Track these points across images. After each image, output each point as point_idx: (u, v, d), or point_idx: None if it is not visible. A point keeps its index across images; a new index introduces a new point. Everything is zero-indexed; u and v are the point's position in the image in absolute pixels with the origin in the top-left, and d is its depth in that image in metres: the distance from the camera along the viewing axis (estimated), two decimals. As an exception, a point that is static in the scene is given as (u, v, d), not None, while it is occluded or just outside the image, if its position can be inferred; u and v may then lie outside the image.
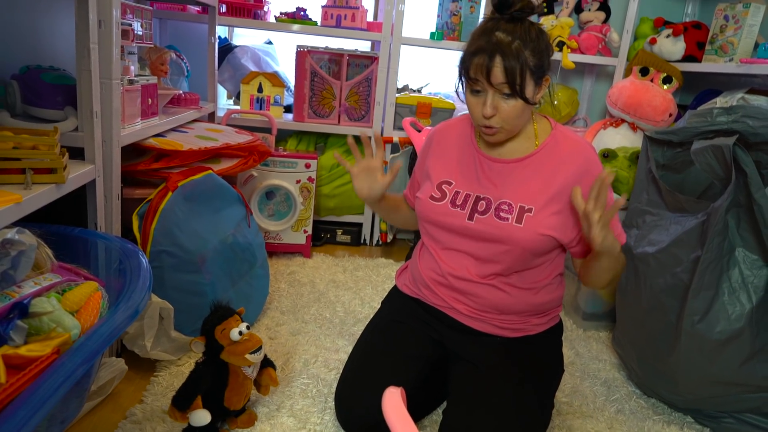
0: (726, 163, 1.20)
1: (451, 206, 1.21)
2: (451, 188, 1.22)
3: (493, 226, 1.16)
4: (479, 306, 1.22)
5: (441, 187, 1.24)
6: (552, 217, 1.13)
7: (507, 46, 1.03)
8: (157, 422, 1.22)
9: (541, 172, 1.16)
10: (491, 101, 1.07)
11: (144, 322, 1.34)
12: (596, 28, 2.50)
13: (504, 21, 1.06)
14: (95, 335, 0.87)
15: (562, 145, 1.17)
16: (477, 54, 1.05)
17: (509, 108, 1.08)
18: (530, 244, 1.14)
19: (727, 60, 2.06)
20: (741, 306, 1.20)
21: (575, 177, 1.13)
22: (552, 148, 1.17)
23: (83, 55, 1.19)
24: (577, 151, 1.16)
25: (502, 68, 1.03)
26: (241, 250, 1.66)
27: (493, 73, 1.04)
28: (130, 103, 1.47)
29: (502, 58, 1.03)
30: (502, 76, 1.04)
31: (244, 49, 2.57)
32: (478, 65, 1.05)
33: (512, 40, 1.03)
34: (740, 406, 1.31)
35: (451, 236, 1.22)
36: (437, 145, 1.30)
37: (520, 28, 1.05)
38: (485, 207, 1.18)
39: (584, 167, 1.14)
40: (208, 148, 1.68)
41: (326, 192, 2.42)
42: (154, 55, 1.92)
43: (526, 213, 1.14)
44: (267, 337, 1.63)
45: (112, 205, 1.34)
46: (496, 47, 1.03)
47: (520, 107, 1.08)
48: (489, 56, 1.03)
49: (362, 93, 2.42)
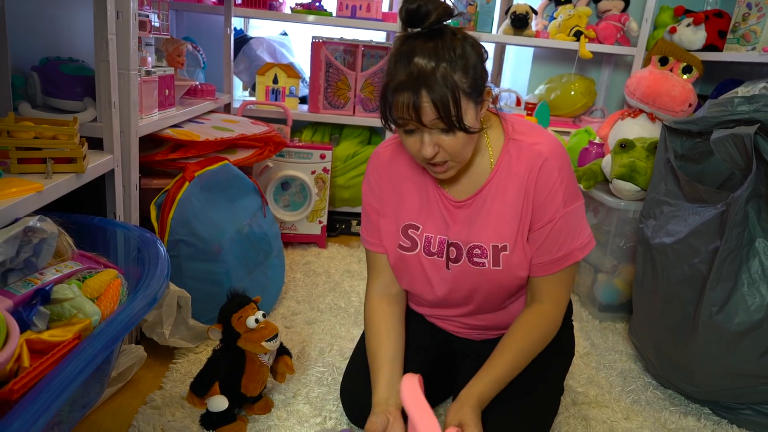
0: (747, 153, 1.18)
1: (426, 255, 1.10)
2: (419, 234, 1.10)
3: (469, 273, 1.07)
4: (477, 328, 1.21)
5: (408, 232, 1.11)
6: (527, 249, 1.05)
7: (431, 76, 0.86)
8: (176, 408, 1.24)
9: (505, 200, 1.04)
10: (429, 140, 0.92)
11: (162, 310, 1.36)
12: (615, 17, 2.46)
13: (421, 39, 0.89)
14: (115, 321, 0.89)
15: (518, 159, 1.03)
16: (399, 91, 0.89)
17: (452, 142, 0.92)
18: (515, 281, 1.07)
19: (750, 49, 2.02)
20: (761, 297, 1.18)
21: (531, 195, 1.02)
22: (508, 166, 1.03)
23: (101, 46, 1.20)
24: (533, 165, 1.01)
25: (431, 104, 0.87)
26: (257, 239, 1.67)
27: (423, 111, 0.88)
28: (147, 94, 1.49)
29: (429, 92, 0.87)
30: (433, 112, 0.88)
31: (260, 41, 2.58)
32: (403, 105, 0.89)
33: (436, 66, 0.87)
34: (759, 398, 1.29)
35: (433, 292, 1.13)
36: (387, 177, 1.12)
37: (441, 46, 0.88)
38: (457, 253, 1.07)
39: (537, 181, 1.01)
40: (225, 139, 1.69)
41: (341, 183, 2.43)
42: (171, 47, 1.94)
43: (502, 252, 1.04)
44: (283, 326, 1.65)
45: (130, 195, 1.36)
46: (420, 80, 0.87)
47: (463, 139, 0.93)
48: (413, 92, 0.87)
49: (377, 84, 2.41)
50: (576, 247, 1.05)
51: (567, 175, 1.03)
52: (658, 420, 1.36)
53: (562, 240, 1.03)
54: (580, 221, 1.06)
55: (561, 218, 1.02)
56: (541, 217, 1.02)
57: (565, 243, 1.04)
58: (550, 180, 1.01)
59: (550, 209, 1.02)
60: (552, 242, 1.03)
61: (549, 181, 1.01)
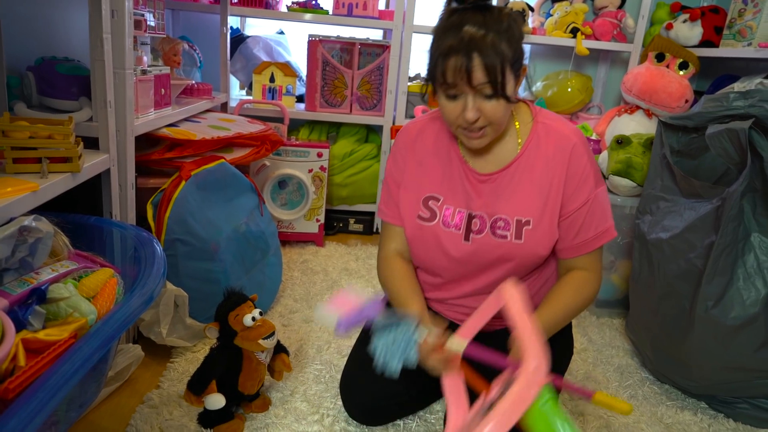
0: (741, 147, 1.18)
1: (444, 226, 1.12)
2: (439, 205, 1.12)
3: (490, 246, 1.09)
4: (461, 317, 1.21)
5: (428, 203, 1.13)
6: (551, 226, 1.08)
7: (482, 42, 0.91)
8: (173, 406, 1.24)
9: (531, 177, 1.07)
10: (473, 104, 0.96)
11: (159, 310, 1.36)
12: (611, 13, 2.46)
13: (470, 12, 0.94)
14: (111, 320, 0.89)
15: (546, 140, 1.07)
16: (450, 55, 0.93)
17: (493, 108, 0.97)
18: (533, 259, 1.09)
19: (746, 44, 2.02)
20: (756, 291, 1.19)
21: (564, 175, 1.06)
22: (537, 146, 1.08)
23: (96, 45, 1.20)
24: (562, 147, 1.06)
25: (483, 67, 0.91)
26: (254, 238, 1.67)
27: (474, 74, 0.92)
28: (143, 93, 1.49)
29: (481, 56, 0.91)
30: (484, 76, 0.92)
31: (256, 39, 2.58)
32: (454, 68, 0.93)
33: (486, 33, 0.91)
34: (755, 392, 1.30)
35: (448, 262, 1.13)
36: (413, 151, 1.16)
37: (489, 18, 0.93)
38: (480, 225, 1.09)
39: (569, 165, 1.06)
40: (221, 138, 1.69)
41: (338, 181, 2.43)
42: (167, 46, 1.93)
43: (525, 227, 1.07)
44: (280, 324, 1.65)
45: (126, 194, 1.36)
46: (472, 45, 0.91)
47: (503, 106, 0.97)
48: (466, 56, 0.91)
49: (374, 82, 2.41)
50: (609, 225, 1.10)
51: (593, 159, 1.09)
52: (655, 414, 1.37)
53: (597, 220, 1.08)
54: (607, 202, 1.12)
55: (594, 199, 1.07)
56: (577, 199, 1.07)
57: (600, 222, 1.09)
58: (581, 163, 1.06)
59: (584, 191, 1.06)
60: (589, 222, 1.08)
61: (581, 164, 1.06)
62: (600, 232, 1.09)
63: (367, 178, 2.48)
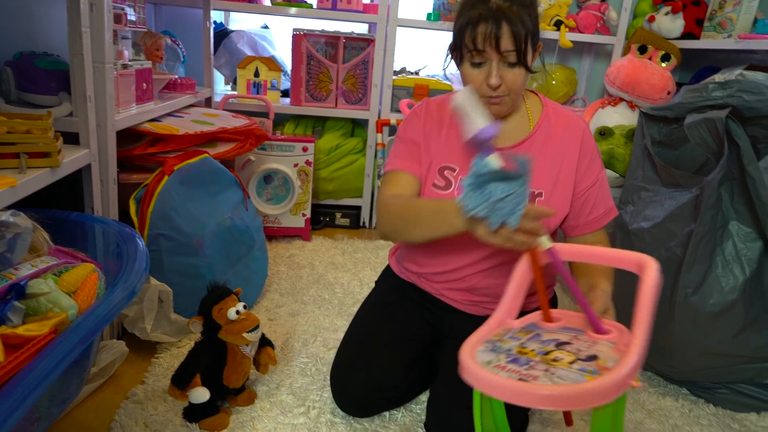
0: (719, 136, 1.20)
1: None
2: (455, 175, 1.17)
3: None
4: (476, 294, 1.22)
5: (443, 173, 1.17)
6: (562, 200, 1.14)
7: (509, 12, 0.99)
8: (158, 402, 1.24)
9: (544, 154, 1.14)
10: (497, 71, 1.04)
11: (144, 305, 1.36)
12: (594, 6, 2.48)
13: None
14: (92, 315, 0.89)
15: (556, 123, 1.16)
16: (479, 22, 1.00)
17: (514, 76, 1.05)
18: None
19: (726, 36, 2.05)
20: (734, 278, 1.21)
21: (576, 156, 1.14)
22: (548, 128, 1.16)
23: (75, 39, 1.19)
24: (572, 129, 1.16)
25: (511, 35, 0.99)
26: (239, 232, 1.67)
27: (502, 41, 1.00)
28: (124, 88, 1.47)
29: (509, 24, 0.99)
30: (511, 43, 1.00)
31: (240, 34, 2.56)
32: (484, 34, 1.00)
33: (511, 5, 1.00)
34: (734, 377, 1.32)
35: None
36: (434, 121, 1.21)
37: None
38: None
39: (582, 144, 1.15)
40: (204, 132, 1.69)
41: (324, 175, 2.42)
42: (149, 41, 1.92)
43: (537, 198, 1.13)
44: (266, 318, 1.65)
45: (108, 190, 1.35)
46: (500, 13, 0.99)
47: (523, 75, 1.06)
48: (495, 23, 0.99)
49: (359, 76, 2.41)
50: (613, 204, 1.19)
51: None
52: (637, 401, 1.38)
53: (605, 197, 1.18)
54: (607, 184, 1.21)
55: (602, 178, 1.17)
56: (590, 176, 1.16)
57: (607, 200, 1.19)
58: (592, 144, 1.16)
59: (595, 169, 1.16)
60: (600, 198, 1.17)
61: (591, 145, 1.16)
62: (608, 209, 1.18)
63: (353, 172, 2.48)
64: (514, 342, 0.84)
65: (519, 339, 0.85)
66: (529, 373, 0.73)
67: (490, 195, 0.80)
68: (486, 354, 0.80)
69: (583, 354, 0.78)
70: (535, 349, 0.81)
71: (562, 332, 0.87)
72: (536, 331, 0.88)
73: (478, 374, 0.75)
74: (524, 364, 0.76)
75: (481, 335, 0.86)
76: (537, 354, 0.79)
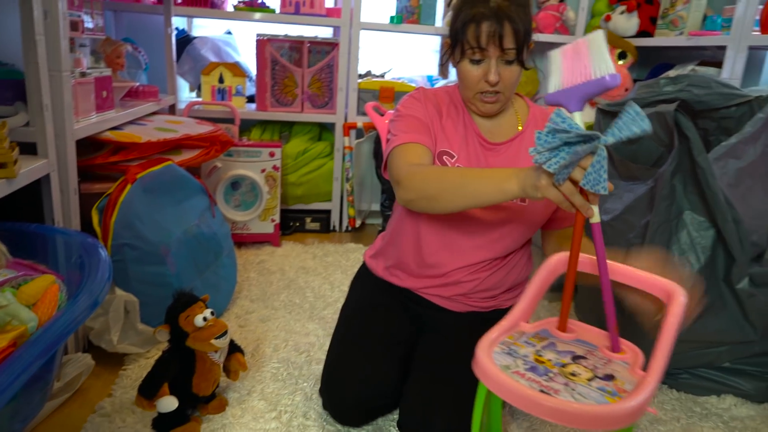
0: (669, 129, 1.24)
1: None
2: (453, 162, 1.18)
3: (499, 206, 1.16)
4: (457, 291, 1.24)
5: (442, 158, 1.18)
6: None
7: (510, 11, 1.03)
8: (126, 414, 1.22)
9: None
10: (496, 68, 1.07)
11: (109, 317, 1.34)
12: (553, 7, 2.53)
13: None
14: (53, 326, 0.87)
15: (543, 120, 1.21)
16: (482, 21, 1.03)
17: (510, 74, 1.08)
18: (532, 222, 1.16)
19: (678, 34, 2.12)
20: (690, 266, 1.25)
21: None
22: (535, 125, 1.20)
23: (30, 47, 1.17)
24: None
25: (512, 33, 1.03)
26: (206, 239, 1.66)
27: (505, 40, 1.03)
28: (83, 96, 1.45)
29: (510, 23, 1.02)
30: (512, 41, 1.04)
31: (204, 40, 2.54)
32: (488, 32, 1.03)
33: (510, 4, 1.04)
34: (694, 362, 1.36)
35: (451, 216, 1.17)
36: (432, 106, 1.20)
37: None
38: None
39: None
40: (168, 140, 1.67)
41: (293, 180, 2.42)
42: (109, 48, 1.89)
43: None
44: (237, 325, 1.64)
45: (69, 200, 1.33)
46: (502, 12, 1.03)
47: (518, 72, 1.09)
48: (498, 22, 1.02)
49: (324, 80, 2.41)
50: None
51: None
52: (604, 391, 1.42)
53: None
54: None
55: None
56: None
57: None
58: None
59: None
60: None
61: None
62: None
63: (322, 175, 2.48)
64: (529, 348, 0.85)
65: (534, 345, 0.86)
66: (550, 386, 0.75)
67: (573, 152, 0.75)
68: (503, 357, 0.81)
69: (600, 372, 0.79)
70: (552, 359, 0.82)
71: (577, 345, 0.87)
72: (550, 339, 0.88)
73: (499, 379, 0.75)
74: (543, 374, 0.77)
75: (495, 336, 0.86)
76: (555, 365, 0.80)
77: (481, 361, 0.79)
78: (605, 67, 0.77)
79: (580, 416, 0.71)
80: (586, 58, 0.79)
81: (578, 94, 0.81)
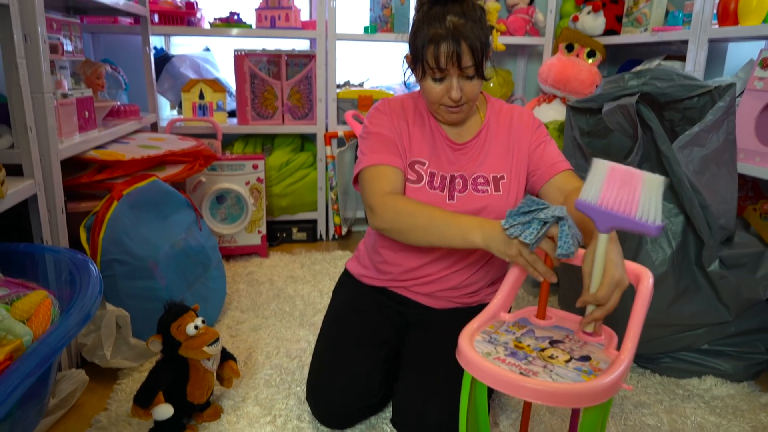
0: (633, 121, 1.30)
1: (429, 188, 1.22)
2: (425, 169, 1.22)
3: (474, 200, 1.21)
4: (439, 288, 1.28)
5: (414, 167, 1.22)
6: (519, 179, 1.23)
7: (465, 29, 1.06)
8: (122, 426, 1.24)
9: (498, 142, 1.24)
10: (457, 85, 1.11)
11: (101, 332, 1.35)
12: (523, 10, 2.60)
13: (449, 4, 1.09)
14: (48, 340, 0.89)
15: (501, 113, 1.27)
16: (440, 42, 1.06)
17: (472, 87, 1.13)
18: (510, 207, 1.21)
19: (643, 30, 2.19)
20: (663, 252, 1.30)
21: (526, 136, 1.24)
22: (496, 119, 1.26)
23: (11, 71, 1.19)
24: (516, 115, 1.27)
25: (470, 52, 1.07)
26: (194, 253, 1.68)
27: (463, 59, 1.07)
28: (66, 117, 1.48)
29: (467, 42, 1.06)
30: (470, 59, 1.07)
31: (182, 58, 2.57)
32: (446, 54, 1.07)
33: (466, 23, 1.07)
34: (674, 346, 1.41)
35: None
36: (399, 117, 1.25)
37: (466, 8, 1.09)
38: (462, 184, 1.22)
39: (527, 125, 1.25)
40: (151, 156, 1.69)
41: (278, 191, 2.45)
42: (89, 70, 1.92)
43: (501, 181, 1.22)
44: (228, 335, 1.66)
45: (57, 219, 1.35)
46: (458, 33, 1.06)
47: (479, 84, 1.14)
48: (455, 43, 1.06)
49: (303, 91, 2.45)
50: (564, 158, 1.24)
51: None
52: (589, 378, 1.46)
53: (556, 153, 1.24)
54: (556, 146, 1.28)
55: (549, 140, 1.25)
56: (537, 140, 1.24)
57: (559, 155, 1.24)
58: (528, 118, 1.26)
59: (540, 135, 1.25)
60: (550, 153, 1.24)
61: (528, 119, 1.26)
62: (562, 159, 1.24)
63: (306, 185, 2.51)
64: (509, 335, 0.90)
65: (513, 333, 0.91)
66: (529, 368, 0.79)
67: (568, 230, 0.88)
68: (484, 345, 0.86)
69: (577, 354, 0.85)
70: (531, 344, 0.87)
71: (554, 330, 0.93)
72: (529, 326, 0.93)
73: (481, 365, 0.80)
74: (522, 359, 0.82)
75: (476, 326, 0.91)
76: (533, 350, 0.85)
77: (464, 349, 0.83)
78: (654, 214, 0.77)
79: (559, 395, 0.76)
80: (637, 192, 0.79)
81: (613, 222, 0.82)
